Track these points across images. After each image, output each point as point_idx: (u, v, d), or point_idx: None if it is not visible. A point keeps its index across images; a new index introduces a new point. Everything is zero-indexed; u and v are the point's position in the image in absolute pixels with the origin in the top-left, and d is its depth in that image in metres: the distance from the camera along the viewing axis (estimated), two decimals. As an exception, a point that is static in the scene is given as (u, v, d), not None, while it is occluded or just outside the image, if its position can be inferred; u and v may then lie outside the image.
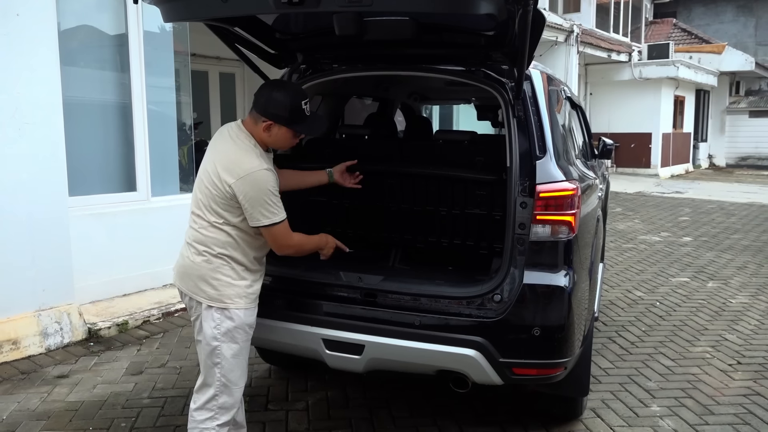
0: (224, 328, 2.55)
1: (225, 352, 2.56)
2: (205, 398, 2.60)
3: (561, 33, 13.86)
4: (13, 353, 4.24)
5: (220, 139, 2.64)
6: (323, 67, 3.39)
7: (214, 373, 2.58)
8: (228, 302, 2.55)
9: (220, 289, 2.54)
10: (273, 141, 2.62)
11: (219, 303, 2.55)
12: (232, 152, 2.55)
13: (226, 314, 2.55)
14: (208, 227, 2.56)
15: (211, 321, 2.55)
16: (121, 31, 5.38)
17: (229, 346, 2.57)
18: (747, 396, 3.84)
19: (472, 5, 2.22)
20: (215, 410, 2.60)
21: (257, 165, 2.50)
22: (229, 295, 2.55)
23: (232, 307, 2.56)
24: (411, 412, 3.56)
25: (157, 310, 5.09)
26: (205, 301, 2.56)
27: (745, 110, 22.84)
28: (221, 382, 2.58)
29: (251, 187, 2.47)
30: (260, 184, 2.48)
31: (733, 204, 12.82)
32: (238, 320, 2.57)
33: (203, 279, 2.55)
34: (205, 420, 2.59)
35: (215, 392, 2.59)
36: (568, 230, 2.77)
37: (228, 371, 2.58)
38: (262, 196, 2.48)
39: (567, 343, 2.79)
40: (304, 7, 2.22)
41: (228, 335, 2.56)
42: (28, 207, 4.32)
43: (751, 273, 7.05)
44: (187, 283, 2.61)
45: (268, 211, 2.51)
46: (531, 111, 2.93)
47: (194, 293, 2.58)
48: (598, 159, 5.14)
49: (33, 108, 4.31)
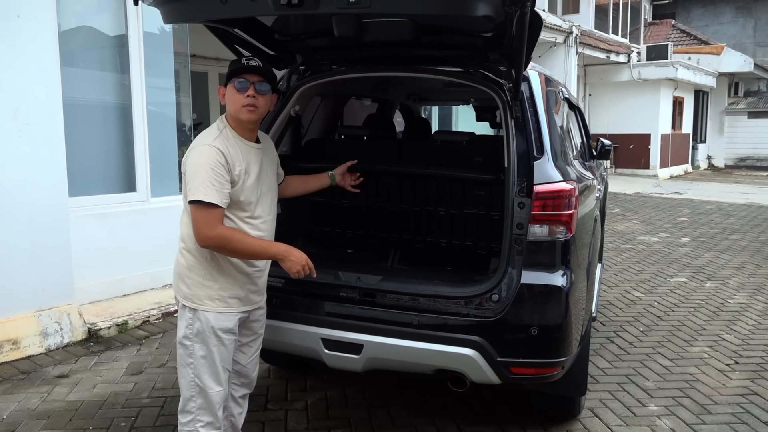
0: (195, 329, 2.50)
1: (197, 352, 2.51)
2: (183, 399, 2.57)
3: (560, 34, 13.88)
4: (13, 353, 4.25)
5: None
6: (322, 68, 3.40)
7: (188, 374, 2.53)
8: (197, 303, 2.50)
9: (192, 288, 2.50)
10: (229, 107, 2.51)
11: (190, 302, 2.51)
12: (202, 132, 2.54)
13: (197, 314, 2.50)
14: (184, 220, 2.54)
15: (184, 320, 2.52)
16: (121, 32, 5.39)
17: (201, 347, 2.51)
18: (744, 395, 3.85)
19: (470, 7, 2.24)
20: (195, 411, 2.55)
21: (205, 141, 2.44)
22: (199, 296, 2.50)
23: (201, 309, 2.49)
24: (409, 412, 3.58)
25: (156, 311, 5.10)
26: (181, 300, 2.54)
27: (743, 111, 22.86)
28: (194, 383, 2.53)
29: (192, 159, 2.41)
30: (201, 157, 2.38)
31: (732, 205, 12.84)
32: (206, 323, 2.49)
33: (180, 276, 2.54)
34: (188, 422, 2.56)
35: (191, 393, 2.55)
36: (566, 230, 2.79)
37: (200, 373, 2.52)
38: (198, 169, 2.36)
39: (564, 343, 2.80)
40: (303, 8, 2.23)
41: (199, 336, 2.50)
42: (29, 207, 4.33)
43: (749, 273, 7.07)
44: (173, 281, 2.61)
45: (194, 185, 2.35)
46: (529, 112, 2.95)
47: (175, 291, 2.58)
48: (597, 160, 5.15)
49: (33, 108, 4.33)
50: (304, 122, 3.80)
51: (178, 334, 2.55)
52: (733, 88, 23.38)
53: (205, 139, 2.46)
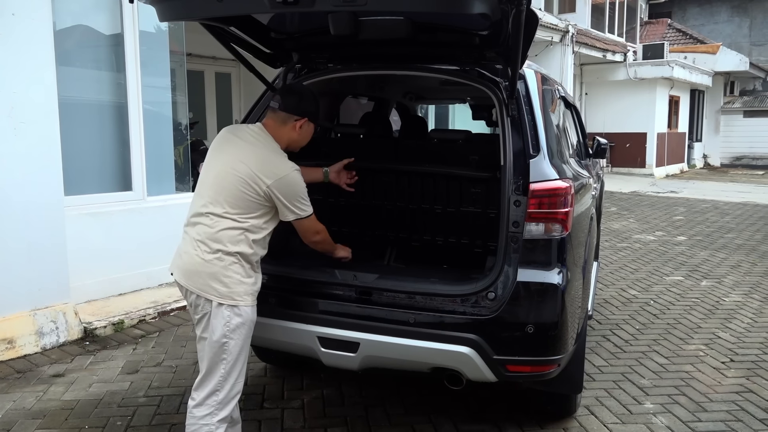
0: (233, 325, 2.62)
1: (232, 348, 2.63)
2: (205, 394, 2.64)
3: (556, 33, 13.90)
4: (8, 352, 4.24)
5: (242, 141, 2.74)
6: (318, 67, 3.40)
7: (219, 369, 2.63)
8: (238, 299, 2.62)
9: (231, 286, 2.61)
10: (301, 138, 2.84)
11: (230, 300, 2.61)
12: (265, 154, 2.69)
13: (236, 311, 2.62)
14: (226, 226, 2.62)
15: (222, 318, 2.60)
16: (117, 30, 5.38)
17: (236, 342, 2.64)
18: (739, 393, 3.86)
19: (466, 5, 2.24)
20: (214, 406, 2.63)
21: (290, 166, 2.69)
22: (239, 293, 2.63)
23: (242, 304, 2.63)
24: (406, 410, 3.58)
25: (152, 310, 5.09)
26: (216, 299, 2.60)
27: (739, 110, 22.93)
28: (224, 377, 2.64)
29: (289, 187, 2.66)
30: (297, 184, 2.69)
31: (728, 203, 12.88)
32: (246, 316, 2.65)
33: (215, 277, 2.60)
34: (205, 416, 2.63)
35: (215, 388, 2.63)
36: (562, 228, 2.80)
37: (232, 367, 2.65)
38: (299, 193, 2.70)
39: (560, 341, 2.81)
40: (299, 6, 2.24)
41: (236, 332, 2.63)
42: (24, 206, 4.32)
43: (744, 271, 7.09)
44: (196, 281, 2.63)
45: (303, 206, 2.73)
46: (525, 110, 2.96)
47: (204, 291, 2.62)
48: (593, 158, 5.16)
49: (29, 107, 4.31)
50: (300, 121, 3.79)
51: (215, 332, 2.61)
52: (728, 87, 23.46)
53: (289, 164, 2.71)
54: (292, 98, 2.80)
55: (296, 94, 2.86)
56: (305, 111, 2.79)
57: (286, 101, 2.78)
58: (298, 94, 2.85)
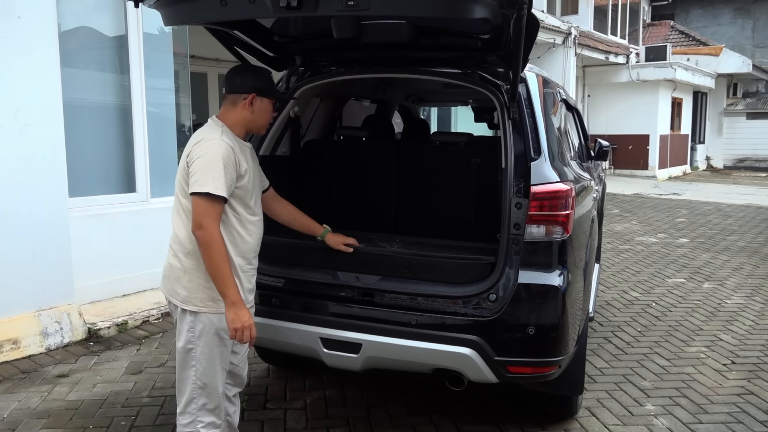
0: (197, 332, 2.52)
1: (200, 356, 2.53)
2: (183, 402, 2.58)
3: (559, 35, 13.91)
4: (13, 353, 4.27)
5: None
6: (321, 70, 3.43)
7: (189, 377, 2.55)
8: (200, 305, 2.51)
9: (191, 291, 2.51)
10: (257, 116, 2.61)
11: (191, 306, 2.51)
12: (196, 134, 2.56)
13: (199, 318, 2.51)
14: (180, 225, 2.54)
15: (185, 324, 2.54)
16: (121, 32, 5.41)
17: (203, 350, 2.53)
18: (741, 395, 3.87)
19: (468, 10, 2.26)
20: (195, 413, 2.57)
21: (216, 135, 2.47)
22: (201, 298, 2.51)
23: (204, 311, 2.51)
24: (408, 411, 3.60)
25: (156, 311, 5.12)
26: (179, 304, 2.54)
27: (742, 112, 22.89)
28: (197, 384, 2.55)
29: (204, 150, 2.41)
30: (215, 150, 2.40)
31: (730, 206, 12.87)
32: (209, 324, 2.52)
33: (177, 281, 2.54)
34: (189, 423, 2.58)
35: (191, 396, 2.56)
36: (563, 230, 2.81)
37: (203, 375, 2.54)
38: (212, 162, 2.37)
39: (561, 342, 2.83)
40: (302, 11, 2.26)
41: (201, 339, 2.52)
42: (29, 207, 4.35)
43: (746, 274, 7.10)
44: (165, 285, 2.61)
45: (204, 178, 2.36)
46: (526, 113, 2.98)
47: (170, 295, 2.58)
48: (595, 161, 5.18)
49: (34, 110, 4.34)
50: (303, 123, 3.82)
51: (180, 339, 2.55)
52: (731, 89, 23.41)
53: (213, 134, 2.48)
54: (236, 78, 2.61)
55: (239, 73, 2.64)
56: (251, 86, 2.57)
57: (230, 83, 2.61)
58: (240, 73, 2.64)
